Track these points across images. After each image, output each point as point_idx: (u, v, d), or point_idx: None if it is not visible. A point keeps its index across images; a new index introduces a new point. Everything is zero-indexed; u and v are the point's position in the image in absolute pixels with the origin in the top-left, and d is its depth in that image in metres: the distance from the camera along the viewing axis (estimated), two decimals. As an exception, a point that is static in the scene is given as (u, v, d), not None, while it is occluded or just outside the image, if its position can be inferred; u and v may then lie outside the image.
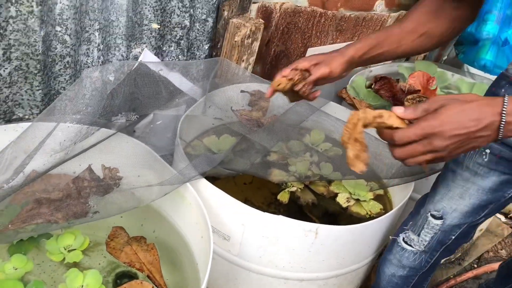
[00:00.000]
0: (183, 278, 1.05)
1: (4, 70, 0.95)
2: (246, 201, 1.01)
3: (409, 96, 1.41)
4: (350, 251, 1.09)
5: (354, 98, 1.44)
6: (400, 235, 1.06)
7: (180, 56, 1.30)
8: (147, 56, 1.23)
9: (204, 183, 1.03)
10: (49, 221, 0.84)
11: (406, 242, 1.05)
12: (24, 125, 0.98)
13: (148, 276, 0.98)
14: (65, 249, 0.98)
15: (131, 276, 1.01)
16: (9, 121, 1.03)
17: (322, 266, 1.08)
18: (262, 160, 1.30)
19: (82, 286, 0.92)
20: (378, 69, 1.73)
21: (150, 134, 1.26)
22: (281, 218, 0.99)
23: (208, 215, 0.95)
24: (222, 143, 1.34)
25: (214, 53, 1.36)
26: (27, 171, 0.93)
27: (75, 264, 0.97)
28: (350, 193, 1.27)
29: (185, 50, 1.30)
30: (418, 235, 1.03)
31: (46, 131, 0.95)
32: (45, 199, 0.87)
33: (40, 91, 1.02)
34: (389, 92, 1.51)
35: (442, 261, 1.62)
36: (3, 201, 0.88)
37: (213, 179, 1.10)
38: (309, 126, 1.41)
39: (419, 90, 1.47)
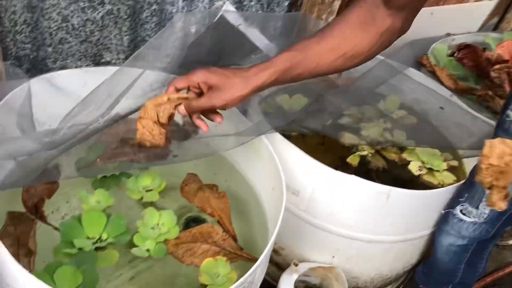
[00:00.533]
0: (250, 228, 1.08)
1: (97, 14, 0.99)
2: (314, 162, 1.01)
3: (496, 66, 1.34)
4: (420, 217, 1.07)
5: (435, 65, 1.38)
6: (456, 207, 1.03)
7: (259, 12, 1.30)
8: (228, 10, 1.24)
9: (278, 137, 1.05)
10: (132, 160, 0.89)
11: (464, 214, 1.02)
12: (112, 68, 1.03)
13: (218, 222, 1.02)
14: (143, 188, 1.03)
15: (200, 221, 1.05)
16: (98, 64, 1.08)
17: (390, 230, 1.07)
18: (334, 122, 1.29)
19: (158, 224, 0.97)
20: (462, 38, 1.64)
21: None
22: (353, 178, 0.99)
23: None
24: (294, 102, 1.34)
25: (293, 11, 1.35)
26: (112, 114, 0.98)
27: (151, 204, 1.03)
28: (423, 162, 1.24)
29: (265, 6, 1.29)
30: (477, 208, 1.00)
31: (133, 76, 0.99)
32: (129, 139, 0.92)
33: (127, 36, 1.06)
34: (472, 61, 1.44)
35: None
36: (90, 138, 0.93)
37: (284, 136, 1.11)
38: (384, 91, 1.38)
39: (508, 61, 1.38)
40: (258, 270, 0.84)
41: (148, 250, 0.93)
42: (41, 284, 0.70)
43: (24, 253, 0.87)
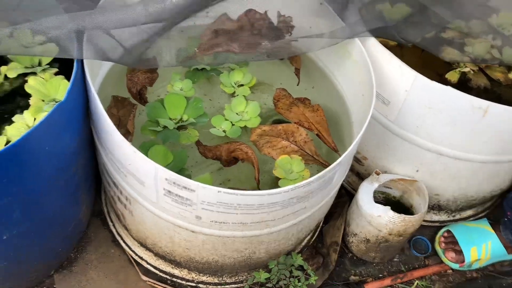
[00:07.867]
0: (338, 136, 1.09)
1: None
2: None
3: None
4: (519, 139, 1.01)
5: None
6: None
7: None
8: None
9: (372, 42, 1.01)
10: (227, 50, 0.91)
11: None
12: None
13: (317, 135, 1.03)
14: (235, 83, 1.07)
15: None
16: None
17: (483, 149, 1.02)
18: (435, 35, 1.21)
19: (243, 111, 1.03)
20: None
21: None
22: (449, 90, 0.94)
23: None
24: (395, 12, 1.26)
25: None
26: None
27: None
28: (532, 84, 1.14)
29: None
30: None
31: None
32: (222, 30, 0.94)
33: None
34: None
35: None
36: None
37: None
38: (499, 5, 1.25)
39: None
40: (339, 169, 0.85)
41: (224, 131, 1.01)
42: (139, 155, 0.77)
43: (123, 132, 0.96)
